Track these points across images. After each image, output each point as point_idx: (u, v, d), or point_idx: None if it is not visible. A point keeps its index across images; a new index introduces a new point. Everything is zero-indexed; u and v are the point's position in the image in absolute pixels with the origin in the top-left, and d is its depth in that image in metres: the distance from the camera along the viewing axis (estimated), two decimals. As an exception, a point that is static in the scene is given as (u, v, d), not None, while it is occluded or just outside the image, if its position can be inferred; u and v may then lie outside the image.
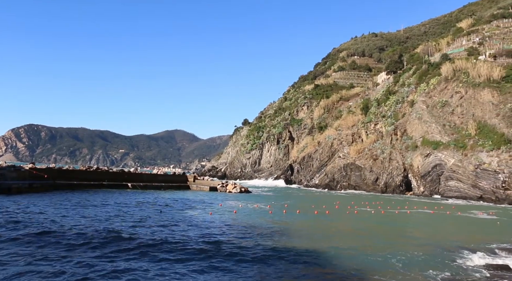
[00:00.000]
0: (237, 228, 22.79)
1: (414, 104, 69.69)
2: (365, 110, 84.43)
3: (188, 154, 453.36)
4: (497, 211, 38.11)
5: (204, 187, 59.08)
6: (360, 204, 42.60)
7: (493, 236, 22.35)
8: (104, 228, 19.82)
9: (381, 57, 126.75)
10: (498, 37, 71.77)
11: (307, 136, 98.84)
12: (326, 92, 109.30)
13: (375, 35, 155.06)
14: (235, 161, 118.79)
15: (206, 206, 34.73)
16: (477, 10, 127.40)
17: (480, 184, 51.75)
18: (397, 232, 24.41)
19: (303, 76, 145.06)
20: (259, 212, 32.15)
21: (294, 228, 23.71)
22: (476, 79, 60.65)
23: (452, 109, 62.02)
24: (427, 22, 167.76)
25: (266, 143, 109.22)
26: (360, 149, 74.73)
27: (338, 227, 25.82)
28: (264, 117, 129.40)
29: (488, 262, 15.82)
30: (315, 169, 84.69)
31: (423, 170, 60.69)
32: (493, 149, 51.88)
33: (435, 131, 61.98)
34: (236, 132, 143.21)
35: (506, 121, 53.81)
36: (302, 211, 33.18)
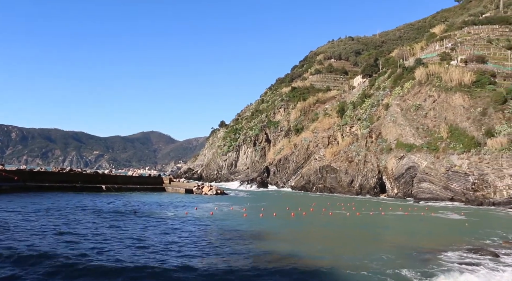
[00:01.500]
0: (212, 231, 22.56)
1: (389, 108, 70.78)
2: (341, 113, 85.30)
3: (164, 156, 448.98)
4: (467, 212, 38.99)
5: (179, 189, 58.48)
6: (335, 206, 42.93)
7: (463, 237, 22.78)
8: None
9: (357, 60, 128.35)
10: (469, 43, 73.65)
11: (283, 138, 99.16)
12: (303, 94, 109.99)
13: (352, 39, 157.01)
14: (212, 163, 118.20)
15: (181, 209, 34.34)
16: (449, 17, 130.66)
17: (451, 186, 52.90)
18: (371, 234, 24.62)
19: (280, 79, 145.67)
20: (235, 214, 31.97)
21: (270, 231, 23.63)
22: (448, 83, 62.05)
23: (425, 112, 63.24)
24: (402, 27, 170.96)
25: (243, 145, 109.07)
26: (336, 152, 75.41)
27: (313, 229, 25.89)
28: (241, 119, 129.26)
29: (459, 262, 16.07)
30: (291, 171, 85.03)
31: (397, 172, 61.65)
32: (464, 151, 53.13)
33: (409, 134, 63.07)
34: (213, 134, 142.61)
35: (476, 124, 55.22)
36: (278, 213, 33.16)
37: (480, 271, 14.90)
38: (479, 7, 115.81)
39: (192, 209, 34.86)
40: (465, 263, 16.04)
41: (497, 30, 79.21)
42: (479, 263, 16.18)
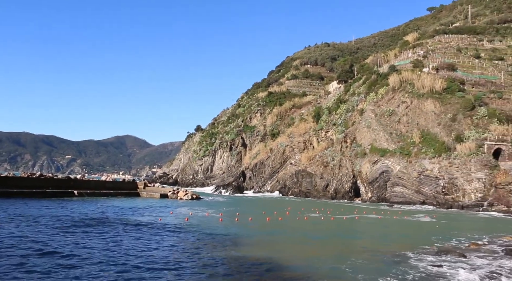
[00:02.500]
0: (187, 237, 22.45)
1: (364, 113, 71.96)
2: (316, 117, 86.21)
3: (139, 161, 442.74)
4: (438, 215, 39.94)
5: (154, 194, 57.88)
6: (310, 210, 43.27)
7: (434, 239, 23.34)
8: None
9: (333, 66, 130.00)
10: (440, 51, 75.76)
11: (259, 143, 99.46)
12: (279, 99, 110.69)
13: (328, 45, 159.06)
14: (187, 168, 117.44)
15: (155, 214, 33.99)
16: (421, 25, 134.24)
17: (423, 189, 54.13)
18: (345, 238, 24.96)
19: (257, 83, 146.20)
20: (211, 219, 31.89)
21: (245, 236, 23.66)
22: (421, 90, 63.59)
23: (398, 118, 64.60)
24: (376, 34, 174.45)
25: (219, 150, 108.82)
26: (312, 156, 76.10)
27: (288, 234, 26.04)
28: (217, 123, 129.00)
29: (430, 264, 16.48)
30: (267, 175, 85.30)
31: (371, 177, 62.65)
32: (435, 156, 54.48)
33: (383, 139, 64.26)
34: (189, 138, 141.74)
35: (446, 130, 56.75)
36: (254, 218, 33.23)
37: (449, 272, 15.33)
38: (449, 17, 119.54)
39: (167, 214, 34.56)
40: (435, 265, 16.45)
41: (466, 40, 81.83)
42: (448, 264, 16.63)
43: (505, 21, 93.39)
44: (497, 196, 47.16)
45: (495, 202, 47.00)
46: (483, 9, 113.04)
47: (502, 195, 46.71)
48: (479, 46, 79.31)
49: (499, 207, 46.09)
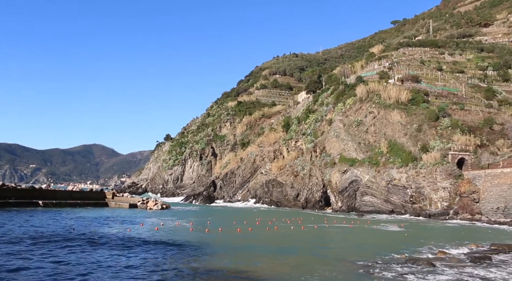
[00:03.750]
0: (156, 248, 22.08)
1: (332, 123, 73.09)
2: (286, 127, 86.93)
3: (107, 170, 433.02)
4: (406, 224, 40.86)
5: (123, 204, 56.81)
6: (281, 220, 43.42)
7: (403, 248, 23.85)
8: None
9: (301, 76, 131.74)
10: (405, 63, 78.18)
11: (230, 152, 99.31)
12: (249, 109, 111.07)
13: (296, 55, 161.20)
14: (157, 177, 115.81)
15: (124, 225, 33.30)
16: (386, 38, 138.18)
17: (392, 198, 55.31)
18: (315, 248, 25.13)
19: (226, 93, 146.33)
20: (181, 230, 31.52)
21: (216, 246, 23.50)
22: (387, 100, 65.23)
23: (366, 128, 65.95)
24: (343, 45, 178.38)
25: (189, 159, 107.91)
26: (282, 166, 76.55)
27: (258, 244, 26.03)
28: (187, 132, 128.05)
29: (399, 272, 16.82)
30: (237, 185, 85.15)
31: (340, 186, 63.51)
32: (402, 166, 55.84)
33: (351, 148, 65.39)
34: (158, 147, 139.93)
35: (412, 140, 58.35)
36: (224, 228, 33.07)
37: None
38: (412, 30, 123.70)
39: (136, 225, 33.93)
40: (404, 273, 16.81)
41: (428, 52, 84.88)
42: (417, 273, 17.02)
43: (464, 35, 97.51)
44: (461, 205, 48.69)
45: (460, 210, 48.50)
46: (444, 23, 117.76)
47: (466, 203, 48.27)
48: (441, 59, 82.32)
49: (464, 215, 47.57)
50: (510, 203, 43.57)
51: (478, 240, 27.77)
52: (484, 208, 46.47)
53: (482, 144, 55.27)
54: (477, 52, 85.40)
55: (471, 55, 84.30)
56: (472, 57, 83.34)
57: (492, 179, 46.72)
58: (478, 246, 25.04)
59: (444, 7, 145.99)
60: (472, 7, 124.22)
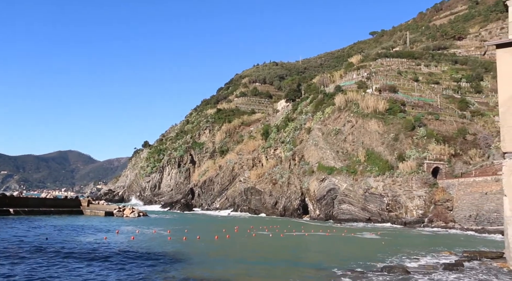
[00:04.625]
0: (133, 257, 21.77)
1: (311, 131, 73.69)
2: (265, 135, 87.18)
3: (83, 177, 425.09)
4: (383, 232, 41.35)
5: (99, 212, 55.85)
6: (259, 228, 43.38)
7: (379, 256, 24.13)
8: None
9: (281, 85, 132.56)
10: (382, 74, 79.62)
11: (208, 159, 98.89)
12: (228, 116, 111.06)
13: (276, 64, 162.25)
14: (134, 185, 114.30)
15: (100, 233, 32.72)
16: (365, 48, 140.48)
17: (369, 207, 55.94)
18: (293, 256, 25.19)
19: (206, 100, 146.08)
20: (158, 238, 31.16)
21: (193, 255, 23.30)
22: (365, 110, 66.21)
23: (344, 136, 66.71)
24: (323, 55, 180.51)
25: (167, 166, 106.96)
26: (260, 174, 76.63)
27: (236, 252, 25.94)
28: (166, 139, 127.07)
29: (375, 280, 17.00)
30: (216, 193, 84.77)
31: (318, 194, 63.90)
32: (379, 174, 56.62)
33: (330, 157, 65.98)
34: (136, 154, 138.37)
35: (389, 149, 59.30)
36: (202, 236, 32.83)
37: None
38: (390, 41, 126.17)
39: (112, 233, 33.39)
40: (380, 281, 16.99)
41: (405, 63, 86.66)
42: (392, 280, 17.22)
43: (439, 48, 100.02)
44: (436, 213, 49.63)
45: (434, 218, 49.42)
46: (420, 35, 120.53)
47: (441, 211, 49.24)
48: (417, 70, 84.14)
49: (438, 223, 48.49)
50: (482, 211, 44.64)
51: (451, 247, 28.30)
52: (457, 216, 47.48)
53: (456, 154, 56.59)
54: (451, 64, 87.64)
55: (446, 67, 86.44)
56: (447, 69, 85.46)
57: (465, 188, 47.82)
58: (451, 253, 25.50)
59: (421, 20, 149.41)
60: (447, 20, 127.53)
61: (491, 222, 43.14)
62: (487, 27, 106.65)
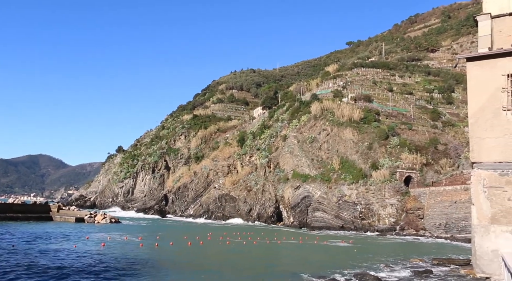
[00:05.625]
0: (103, 265, 21.25)
1: (287, 139, 74.04)
2: (241, 142, 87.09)
3: (54, 182, 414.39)
4: (355, 240, 41.67)
5: (69, 218, 54.51)
6: (232, 235, 43.12)
7: (351, 263, 24.28)
8: None
9: (258, 92, 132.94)
10: (358, 83, 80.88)
11: (183, 166, 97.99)
12: (204, 123, 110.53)
13: (253, 71, 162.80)
14: (107, 190, 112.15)
15: (69, 240, 31.88)
16: (341, 57, 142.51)
17: (342, 214, 56.39)
18: (266, 264, 25.10)
19: (182, 106, 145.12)
20: (130, 244, 30.56)
21: (165, 262, 22.94)
22: (340, 118, 66.99)
23: (319, 144, 67.27)
24: (300, 63, 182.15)
25: (141, 172, 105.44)
26: (235, 180, 76.39)
27: (209, 259, 25.68)
28: (140, 145, 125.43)
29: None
30: (190, 199, 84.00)
31: (293, 202, 64.08)
32: (353, 182, 57.24)
33: (305, 164, 66.35)
34: (109, 159, 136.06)
35: (363, 157, 60.08)
36: (175, 242, 32.40)
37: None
38: (366, 51, 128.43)
39: (82, 240, 32.58)
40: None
41: (380, 74, 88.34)
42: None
43: (413, 59, 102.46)
44: (407, 221, 50.43)
45: (406, 226, 50.20)
46: (395, 47, 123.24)
47: (412, 219, 50.07)
48: (392, 80, 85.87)
49: (409, 231, 49.27)
50: (451, 219, 45.63)
51: (421, 255, 28.75)
52: (427, 224, 48.36)
53: (427, 163, 57.75)
54: (424, 76, 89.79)
55: (419, 78, 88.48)
56: (420, 80, 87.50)
57: (436, 197, 48.81)
58: (421, 261, 25.93)
59: (396, 31, 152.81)
60: (421, 33, 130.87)
61: (459, 230, 44.13)
62: (459, 40, 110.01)
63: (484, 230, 15.16)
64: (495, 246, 14.78)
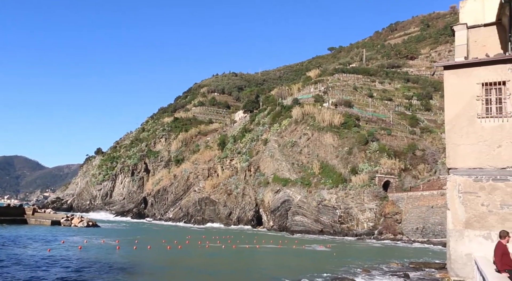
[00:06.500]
0: (79, 268, 20.88)
1: (267, 143, 74.20)
2: (222, 145, 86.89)
3: (29, 184, 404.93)
4: (334, 244, 41.94)
5: (45, 221, 53.37)
6: (212, 238, 42.92)
7: (329, 267, 24.42)
8: None
9: (239, 96, 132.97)
10: (339, 88, 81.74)
11: (163, 168, 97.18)
12: (185, 125, 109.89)
13: (235, 74, 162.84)
14: (84, 193, 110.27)
15: (44, 244, 31.21)
16: (323, 63, 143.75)
17: (322, 218, 56.73)
18: (244, 268, 25.05)
19: (163, 108, 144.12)
20: (107, 248, 30.11)
21: (142, 266, 22.67)
22: (321, 123, 67.53)
23: (300, 149, 67.63)
24: (282, 68, 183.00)
25: (120, 175, 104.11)
26: (216, 184, 76.13)
27: (188, 264, 25.48)
28: (120, 147, 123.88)
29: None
30: (169, 202, 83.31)
31: (273, 206, 64.19)
32: (333, 187, 57.70)
33: (285, 168, 66.59)
34: (88, 161, 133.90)
35: (343, 162, 60.65)
36: (154, 246, 32.06)
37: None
38: (347, 57, 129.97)
39: (57, 243, 31.93)
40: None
41: (361, 79, 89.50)
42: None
43: (393, 66, 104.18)
44: (385, 225, 51.06)
45: (384, 230, 50.81)
46: (375, 53, 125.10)
47: (390, 224, 50.72)
48: (372, 86, 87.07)
49: (387, 235, 49.87)
50: (428, 224, 46.42)
51: (398, 259, 29.14)
52: (405, 228, 49.06)
53: (405, 168, 58.64)
54: (404, 82, 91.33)
55: (398, 84, 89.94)
56: (400, 87, 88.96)
57: (413, 201, 49.58)
58: (398, 265, 26.27)
59: (376, 38, 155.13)
60: (401, 40, 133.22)
61: (436, 234, 44.91)
62: (437, 48, 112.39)
63: (459, 235, 15.45)
64: (469, 250, 15.08)
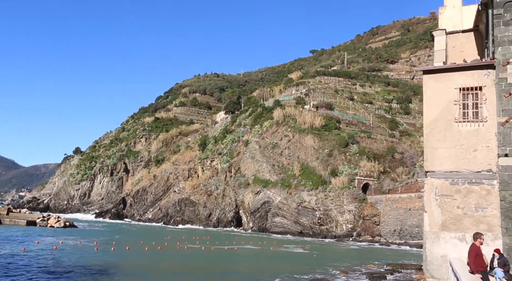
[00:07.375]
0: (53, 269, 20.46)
1: (248, 144, 74.16)
2: (202, 146, 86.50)
3: (4, 183, 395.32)
4: (312, 245, 42.10)
5: (20, 221, 52.24)
6: (191, 239, 42.65)
7: (309, 269, 24.51)
8: None
9: (221, 96, 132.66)
10: (320, 91, 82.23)
11: (143, 169, 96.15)
12: (166, 126, 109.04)
13: (217, 75, 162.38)
14: (62, 192, 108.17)
15: (18, 244, 30.51)
16: (305, 65, 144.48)
17: (301, 220, 56.95)
18: (222, 270, 24.94)
19: (144, 108, 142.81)
20: (83, 249, 29.60)
21: (120, 268, 22.35)
22: (302, 125, 67.82)
23: (281, 150, 67.80)
24: (264, 69, 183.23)
25: (99, 174, 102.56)
26: (196, 185, 75.72)
27: (166, 265, 25.24)
28: (99, 146, 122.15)
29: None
30: (149, 203, 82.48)
31: (253, 207, 64.16)
32: (313, 189, 57.98)
33: (266, 170, 66.66)
34: (66, 160, 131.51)
35: (323, 164, 61.03)
36: (132, 247, 31.67)
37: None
38: (329, 60, 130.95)
39: (32, 244, 31.25)
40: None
41: (342, 82, 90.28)
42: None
43: (374, 69, 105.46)
44: (364, 227, 51.56)
45: (362, 232, 51.29)
46: (357, 57, 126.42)
47: (368, 226, 51.24)
48: (353, 89, 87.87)
49: (366, 237, 50.36)
50: (405, 226, 47.09)
51: (376, 260, 29.43)
52: (383, 230, 49.65)
53: (384, 171, 59.36)
54: (384, 86, 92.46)
55: (379, 88, 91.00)
56: (380, 90, 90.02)
57: (391, 204, 50.23)
58: (375, 266, 26.54)
59: (358, 42, 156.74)
60: (382, 44, 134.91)
61: (413, 236, 45.57)
62: (417, 53, 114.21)
63: (435, 237, 15.69)
64: (444, 251, 15.33)
